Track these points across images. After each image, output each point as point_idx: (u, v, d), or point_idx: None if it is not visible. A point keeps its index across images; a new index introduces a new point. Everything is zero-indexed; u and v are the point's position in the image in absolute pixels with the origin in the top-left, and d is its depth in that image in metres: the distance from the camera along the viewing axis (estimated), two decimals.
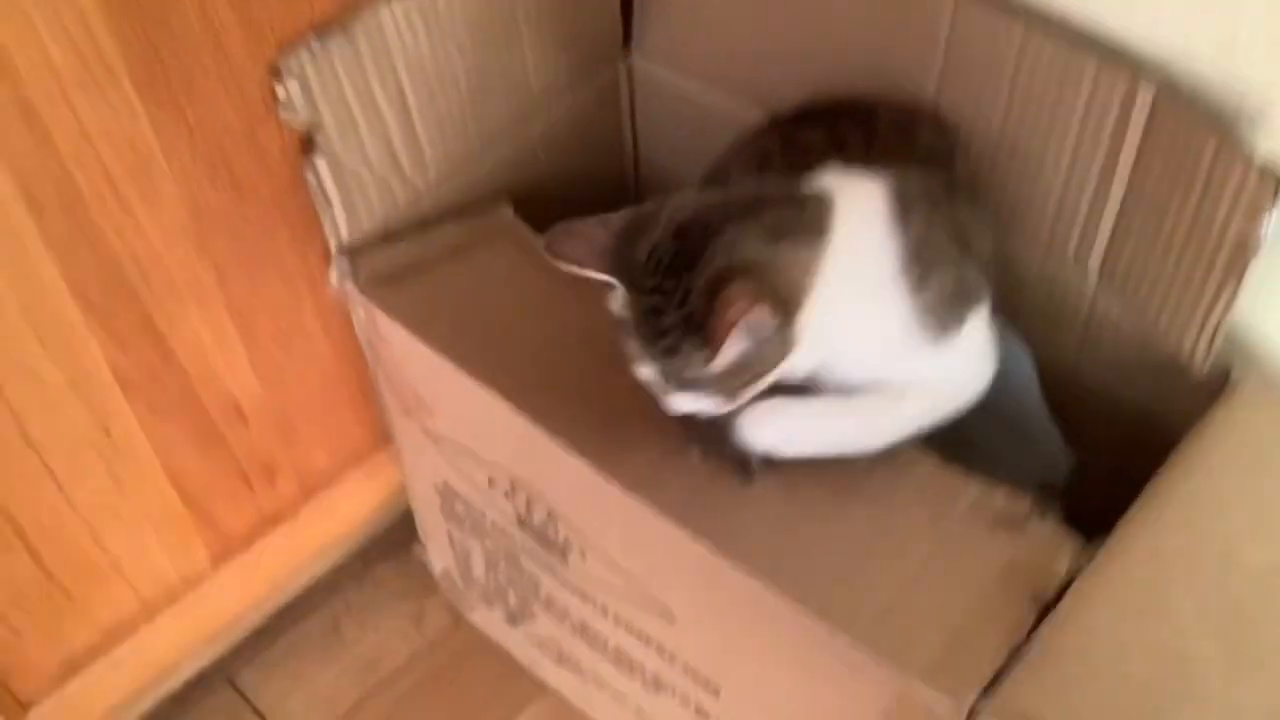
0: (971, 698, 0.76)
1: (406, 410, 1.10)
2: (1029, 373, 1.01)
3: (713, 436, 0.89)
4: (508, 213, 1.09)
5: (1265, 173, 0.78)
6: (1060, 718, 0.75)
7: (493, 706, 1.27)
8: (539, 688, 1.26)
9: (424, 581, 1.34)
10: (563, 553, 1.01)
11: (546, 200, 1.09)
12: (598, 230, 0.83)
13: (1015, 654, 0.78)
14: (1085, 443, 1.01)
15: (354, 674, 1.30)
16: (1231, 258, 0.83)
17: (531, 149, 1.13)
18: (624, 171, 1.26)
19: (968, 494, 0.87)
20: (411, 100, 1.00)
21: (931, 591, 0.82)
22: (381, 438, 1.23)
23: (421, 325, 0.99)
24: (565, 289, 0.94)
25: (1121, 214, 0.91)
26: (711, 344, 0.77)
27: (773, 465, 0.88)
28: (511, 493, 1.02)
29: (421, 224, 1.06)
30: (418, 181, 1.05)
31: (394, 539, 1.33)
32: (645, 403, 0.86)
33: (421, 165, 1.04)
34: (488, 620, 1.29)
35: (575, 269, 0.83)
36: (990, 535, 0.85)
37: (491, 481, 1.04)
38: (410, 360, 1.02)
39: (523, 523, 1.03)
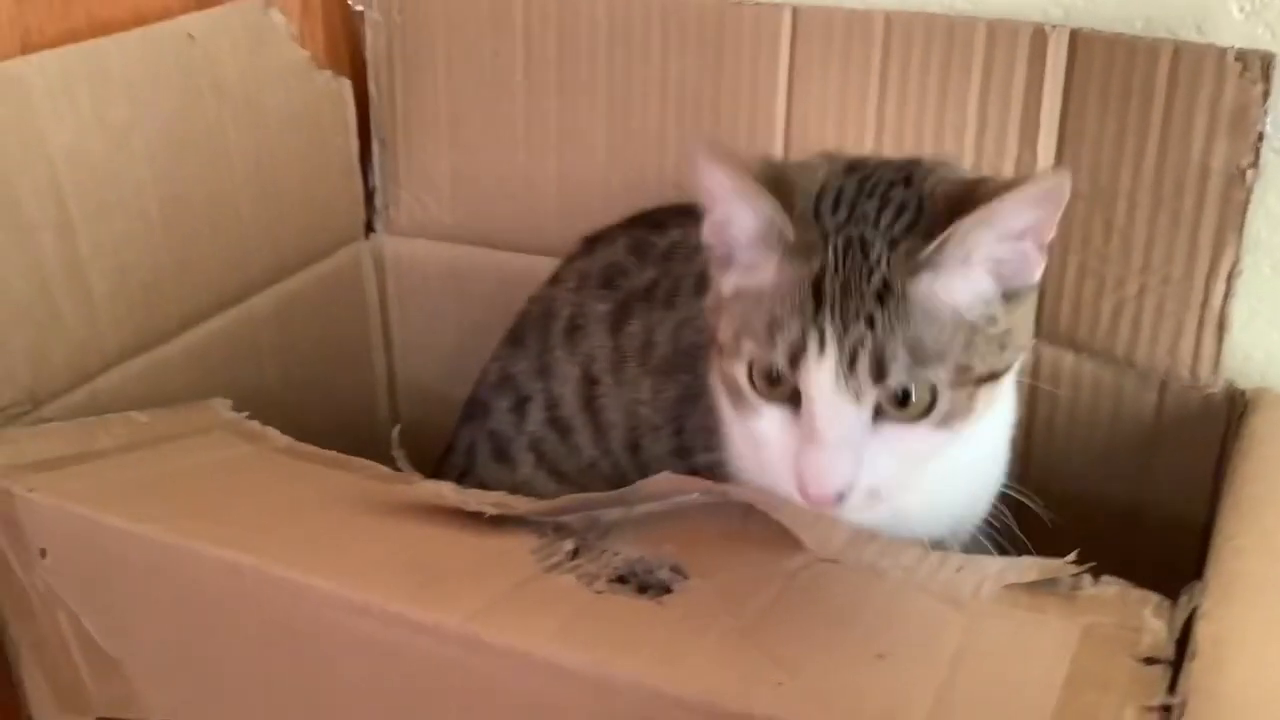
0: None
1: (72, 702, 0.73)
2: None
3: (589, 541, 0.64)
4: (224, 405, 0.82)
5: (1246, 56, 0.67)
6: None
7: None
8: None
9: None
10: None
11: (270, 400, 0.88)
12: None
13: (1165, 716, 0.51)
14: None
15: None
16: (1225, 199, 0.69)
17: (252, 333, 0.89)
18: (372, 369, 1.05)
19: (983, 572, 0.62)
20: (75, 214, 0.76)
21: (992, 680, 0.55)
22: None
23: (113, 508, 0.67)
24: (322, 469, 0.75)
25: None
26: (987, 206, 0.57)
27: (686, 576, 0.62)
28: None
29: (95, 413, 0.78)
30: (85, 336, 0.78)
31: None
32: (468, 542, 0.65)
33: (90, 312, 0.78)
34: None
35: (737, 185, 0.61)
36: (1039, 608, 0.60)
37: None
38: (92, 577, 0.69)
39: None
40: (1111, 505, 0.80)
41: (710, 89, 0.85)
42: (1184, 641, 0.57)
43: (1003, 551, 0.80)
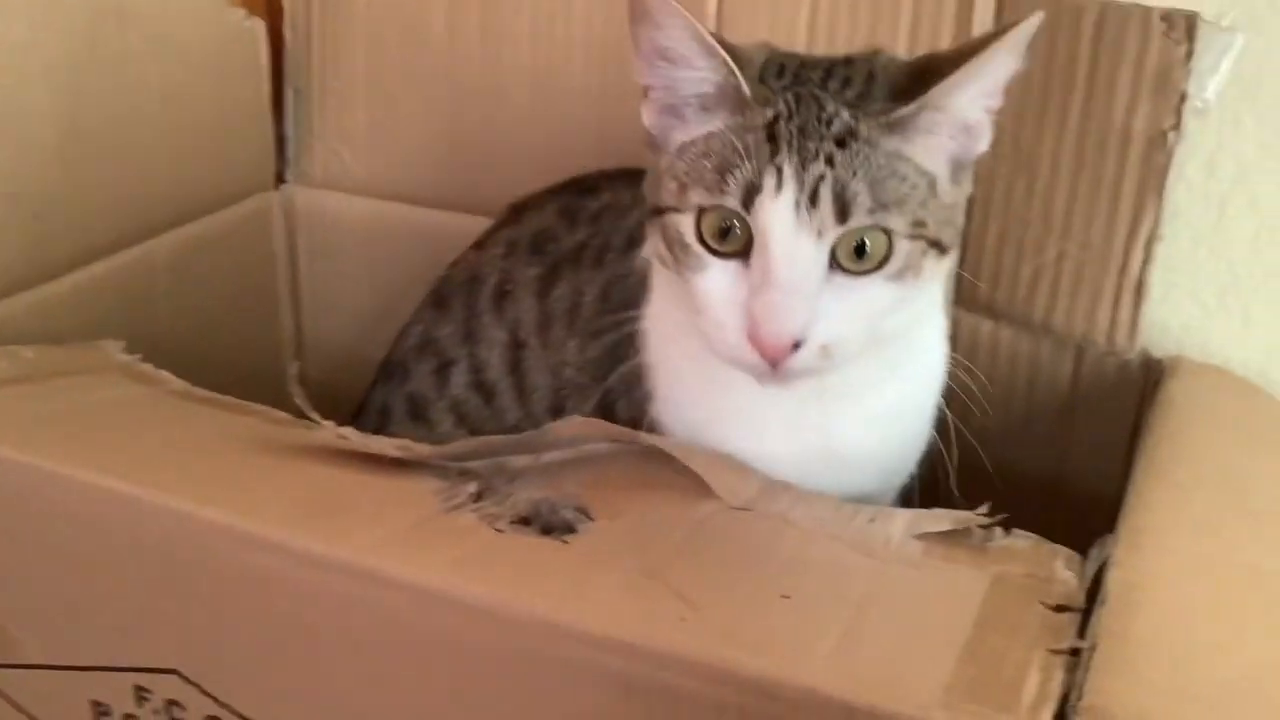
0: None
1: None
2: None
3: (495, 486, 0.62)
4: (116, 347, 0.79)
5: (1172, 16, 0.67)
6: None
7: None
8: None
9: None
10: None
11: (165, 350, 0.82)
12: None
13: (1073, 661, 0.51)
14: None
15: None
16: (1146, 162, 0.70)
17: (148, 278, 0.86)
18: (278, 325, 1.02)
19: (893, 523, 0.62)
20: None
21: (899, 622, 0.55)
22: None
23: None
24: (219, 411, 0.72)
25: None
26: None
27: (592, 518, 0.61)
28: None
29: None
30: None
31: None
32: (368, 483, 0.63)
33: None
34: None
35: (698, 38, 0.60)
36: (951, 558, 0.60)
37: (102, 711, 0.66)
38: None
39: None
40: (1027, 473, 0.80)
41: None
42: (1094, 593, 0.57)
43: None
